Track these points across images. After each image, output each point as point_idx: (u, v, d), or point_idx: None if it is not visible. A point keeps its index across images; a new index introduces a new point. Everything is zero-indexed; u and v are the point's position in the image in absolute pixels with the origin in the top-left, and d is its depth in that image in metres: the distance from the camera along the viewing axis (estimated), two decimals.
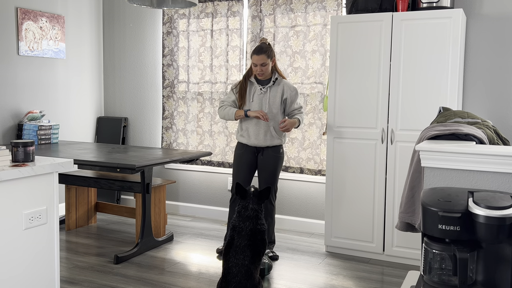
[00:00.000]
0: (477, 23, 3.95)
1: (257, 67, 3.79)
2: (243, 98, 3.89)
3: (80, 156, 3.82)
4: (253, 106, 3.86)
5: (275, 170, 3.88)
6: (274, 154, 3.88)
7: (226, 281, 2.86)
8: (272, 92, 3.86)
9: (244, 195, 3.03)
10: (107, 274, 3.55)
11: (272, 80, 3.86)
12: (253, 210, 2.98)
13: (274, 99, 3.85)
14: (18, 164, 2.21)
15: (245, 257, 2.86)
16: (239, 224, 2.96)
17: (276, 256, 3.93)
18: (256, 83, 3.88)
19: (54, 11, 4.97)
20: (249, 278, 2.85)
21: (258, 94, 3.85)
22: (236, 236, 2.93)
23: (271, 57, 3.81)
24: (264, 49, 3.77)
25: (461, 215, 1.58)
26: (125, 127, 5.49)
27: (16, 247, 2.17)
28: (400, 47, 3.72)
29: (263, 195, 3.04)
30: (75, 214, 4.69)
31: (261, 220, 3.02)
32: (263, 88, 3.85)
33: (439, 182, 1.92)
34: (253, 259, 2.90)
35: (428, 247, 1.67)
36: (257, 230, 2.96)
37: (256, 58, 3.77)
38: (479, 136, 2.07)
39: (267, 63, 3.78)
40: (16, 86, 4.65)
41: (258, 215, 3.00)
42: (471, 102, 4.00)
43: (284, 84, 3.88)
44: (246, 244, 2.89)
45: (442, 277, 1.65)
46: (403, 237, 3.81)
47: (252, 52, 3.81)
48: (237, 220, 2.98)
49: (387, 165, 3.82)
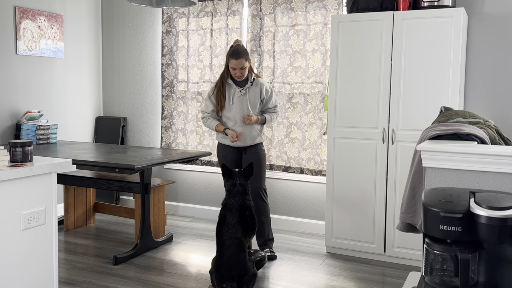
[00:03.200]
0: (479, 22, 3.95)
1: (235, 70, 3.82)
2: (222, 102, 3.91)
3: (79, 156, 3.82)
4: (233, 108, 3.90)
5: (260, 166, 3.96)
6: (256, 151, 3.98)
7: (220, 252, 3.17)
8: (251, 93, 3.92)
9: (231, 175, 3.38)
10: (106, 275, 3.55)
11: (250, 81, 3.91)
12: (241, 185, 3.34)
13: (254, 100, 3.93)
14: (16, 164, 2.21)
15: (237, 231, 3.20)
16: (230, 201, 3.30)
17: (275, 255, 3.94)
18: (234, 85, 3.91)
19: (53, 10, 4.97)
20: (242, 250, 3.17)
21: (238, 96, 3.90)
22: (227, 214, 3.27)
23: (248, 59, 3.84)
24: (242, 53, 3.78)
25: (463, 216, 1.58)
26: (124, 127, 5.49)
27: (14, 248, 2.17)
28: (401, 46, 3.72)
29: (247, 172, 3.39)
30: (74, 215, 4.68)
31: (249, 196, 3.38)
32: (242, 89, 3.90)
33: (440, 183, 1.92)
34: (244, 233, 3.24)
35: (430, 248, 1.67)
36: (245, 205, 3.32)
37: (235, 62, 3.79)
38: (481, 136, 2.07)
39: (245, 66, 3.82)
40: (14, 85, 4.65)
41: (246, 190, 3.37)
42: (473, 101, 4.00)
43: (261, 84, 3.95)
44: (237, 220, 3.23)
45: (444, 278, 1.65)
46: (404, 238, 3.81)
47: (230, 55, 3.80)
48: (228, 198, 3.33)
49: (388, 165, 3.82)
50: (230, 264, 3.13)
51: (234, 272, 3.13)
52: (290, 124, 4.68)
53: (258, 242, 3.99)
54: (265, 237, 3.98)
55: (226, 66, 3.89)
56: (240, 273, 3.14)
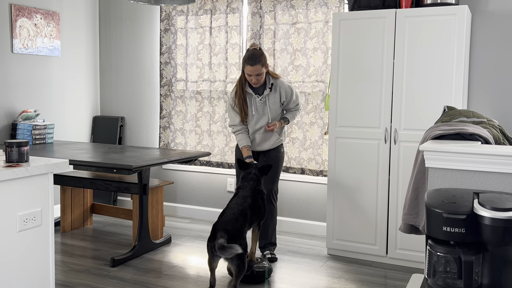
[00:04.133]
0: (482, 20, 3.95)
1: (251, 77, 3.70)
2: (245, 108, 3.83)
3: (76, 157, 3.82)
4: (255, 119, 3.85)
5: (277, 169, 3.93)
6: (276, 153, 3.94)
7: (222, 213, 3.27)
8: (271, 100, 3.83)
9: (247, 166, 3.55)
10: (103, 278, 3.55)
11: (268, 87, 3.81)
12: (255, 174, 3.50)
13: (274, 106, 3.85)
14: (12, 165, 2.21)
15: (245, 202, 3.34)
16: (243, 184, 3.48)
17: (275, 257, 3.93)
18: (253, 93, 3.82)
19: (49, 7, 4.97)
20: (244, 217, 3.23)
21: (259, 106, 3.83)
22: (240, 190, 3.44)
23: (265, 64, 3.71)
24: (258, 58, 3.64)
25: (466, 217, 1.58)
26: (121, 126, 5.49)
27: (10, 250, 2.16)
28: (404, 44, 3.72)
29: (264, 169, 3.54)
30: (71, 216, 4.68)
31: (262, 185, 3.54)
32: (261, 98, 3.82)
33: (443, 183, 1.92)
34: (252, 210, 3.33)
35: (433, 249, 1.66)
36: (258, 190, 3.48)
37: (250, 69, 3.65)
38: (485, 136, 2.07)
39: (262, 73, 3.70)
40: (10, 84, 4.64)
41: (259, 179, 3.52)
42: (477, 101, 4.00)
43: (280, 87, 3.84)
44: (248, 195, 3.39)
45: (447, 280, 1.65)
46: (406, 240, 3.81)
47: (245, 61, 3.67)
48: (241, 182, 3.50)
49: (390, 165, 3.82)
50: (227, 221, 3.15)
51: (229, 227, 3.09)
52: (291, 124, 4.68)
53: (260, 244, 3.97)
54: (268, 240, 3.97)
55: (242, 71, 3.77)
56: (233, 234, 3.07)
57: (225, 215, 3.21)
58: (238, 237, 3.11)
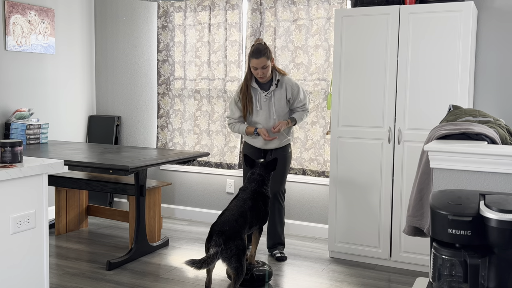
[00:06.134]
0: (489, 17, 3.95)
1: (257, 70, 3.83)
2: (249, 106, 3.93)
3: (71, 157, 3.82)
4: (260, 114, 3.93)
5: (284, 169, 4.00)
6: (283, 153, 4.01)
7: (220, 214, 3.26)
8: (276, 96, 3.93)
9: (253, 165, 3.57)
10: (99, 281, 3.55)
11: (275, 83, 3.92)
12: (259, 175, 3.51)
13: (279, 103, 3.94)
14: (5, 165, 2.21)
15: (245, 204, 3.33)
16: (245, 186, 3.49)
17: (285, 256, 4.01)
18: (259, 89, 3.94)
19: (43, 4, 4.97)
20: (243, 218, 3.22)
21: (264, 101, 3.92)
22: (241, 192, 3.46)
23: (270, 57, 3.86)
24: (263, 51, 3.80)
25: (472, 219, 1.58)
26: (118, 126, 5.50)
27: (3, 253, 2.17)
28: (408, 41, 3.72)
29: (270, 165, 3.55)
30: (66, 218, 4.69)
31: (267, 186, 3.54)
32: (267, 93, 3.91)
33: (448, 184, 1.92)
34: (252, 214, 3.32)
35: (437, 252, 1.67)
36: (260, 192, 3.47)
37: (255, 61, 3.80)
38: (491, 136, 2.07)
39: (267, 65, 3.83)
40: (3, 82, 4.65)
41: (264, 180, 3.52)
42: (483, 99, 4.01)
43: (287, 84, 3.95)
44: (248, 197, 3.39)
45: (452, 284, 1.65)
46: (411, 242, 3.81)
47: (250, 55, 3.83)
48: (245, 183, 3.52)
49: (394, 166, 3.82)
50: (224, 222, 3.15)
51: (226, 228, 3.09)
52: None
53: (269, 244, 4.06)
54: (276, 239, 4.05)
55: (248, 67, 3.91)
56: (230, 235, 3.07)
57: (224, 216, 3.23)
58: (235, 238, 3.11)
